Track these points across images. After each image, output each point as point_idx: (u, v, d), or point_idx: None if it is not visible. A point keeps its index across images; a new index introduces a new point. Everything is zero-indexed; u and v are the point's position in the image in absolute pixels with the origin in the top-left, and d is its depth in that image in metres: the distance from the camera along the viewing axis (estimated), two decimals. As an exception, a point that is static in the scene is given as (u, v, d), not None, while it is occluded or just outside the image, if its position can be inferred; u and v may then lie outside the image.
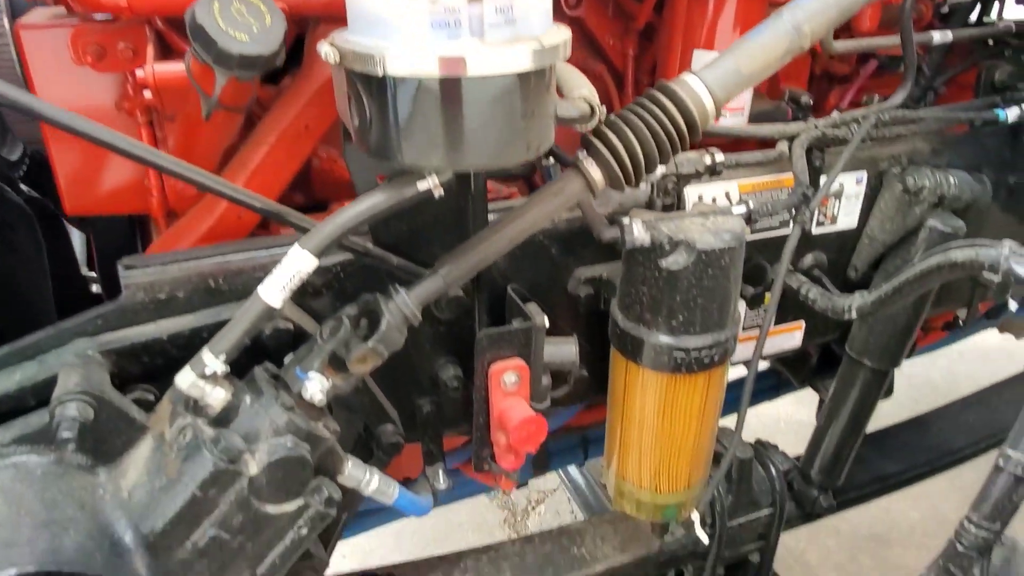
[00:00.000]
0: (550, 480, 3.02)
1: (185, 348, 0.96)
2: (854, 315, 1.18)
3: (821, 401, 1.79)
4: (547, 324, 1.09)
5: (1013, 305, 1.67)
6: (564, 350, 1.13)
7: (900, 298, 1.09)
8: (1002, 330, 2.64)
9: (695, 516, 1.32)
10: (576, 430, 1.70)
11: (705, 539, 1.37)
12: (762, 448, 1.60)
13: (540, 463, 1.70)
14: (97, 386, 0.86)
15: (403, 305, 0.92)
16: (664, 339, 1.07)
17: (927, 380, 3.56)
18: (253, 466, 0.85)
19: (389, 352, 0.93)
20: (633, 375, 1.14)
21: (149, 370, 0.98)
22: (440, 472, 1.23)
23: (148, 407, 0.94)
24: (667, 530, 1.48)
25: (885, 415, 2.01)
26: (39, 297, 1.24)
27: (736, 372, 1.31)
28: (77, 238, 1.65)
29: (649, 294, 1.06)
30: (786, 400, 2.99)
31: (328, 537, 1.17)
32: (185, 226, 1.08)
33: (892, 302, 1.10)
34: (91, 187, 1.10)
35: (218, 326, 0.89)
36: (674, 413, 1.15)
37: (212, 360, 0.84)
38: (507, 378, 1.06)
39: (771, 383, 1.98)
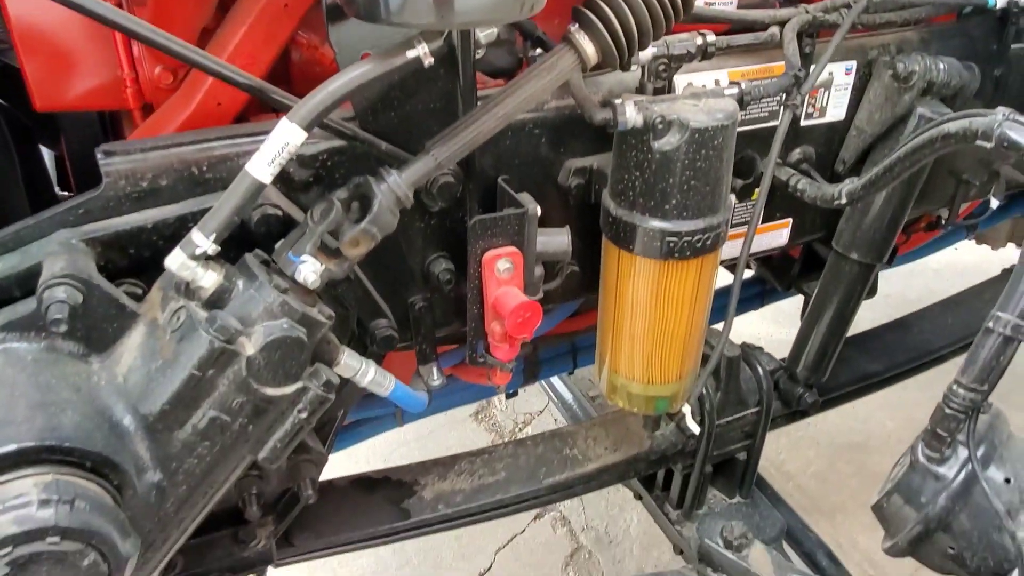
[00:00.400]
0: (536, 402, 3.07)
1: (171, 239, 0.93)
2: (844, 200, 1.18)
3: (805, 305, 1.82)
4: (539, 212, 1.08)
5: (994, 203, 1.69)
6: (556, 240, 1.12)
7: (892, 178, 1.09)
8: (979, 241, 2.68)
9: (686, 409, 1.34)
10: (565, 337, 1.71)
11: (696, 429, 1.40)
12: (749, 349, 1.62)
13: (530, 371, 1.71)
14: (84, 271, 0.84)
15: (395, 185, 0.91)
16: (657, 224, 1.07)
17: (904, 300, 3.62)
18: (250, 347, 0.84)
19: (382, 234, 0.92)
20: (626, 264, 1.14)
21: (135, 263, 0.95)
22: (434, 370, 1.23)
23: (137, 301, 0.92)
24: (658, 425, 1.51)
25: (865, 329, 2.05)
26: (11, 200, 1.21)
27: (722, 281, 1.32)
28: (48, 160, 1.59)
29: (642, 178, 1.05)
30: (766, 320, 3.03)
31: (326, 434, 1.17)
32: (161, 118, 1.05)
33: (884, 183, 1.10)
34: (61, 82, 1.05)
35: (204, 214, 0.87)
36: (667, 301, 1.16)
37: (202, 240, 0.82)
38: (501, 265, 1.05)
39: (755, 292, 1.99)
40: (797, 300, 1.89)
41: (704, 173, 1.04)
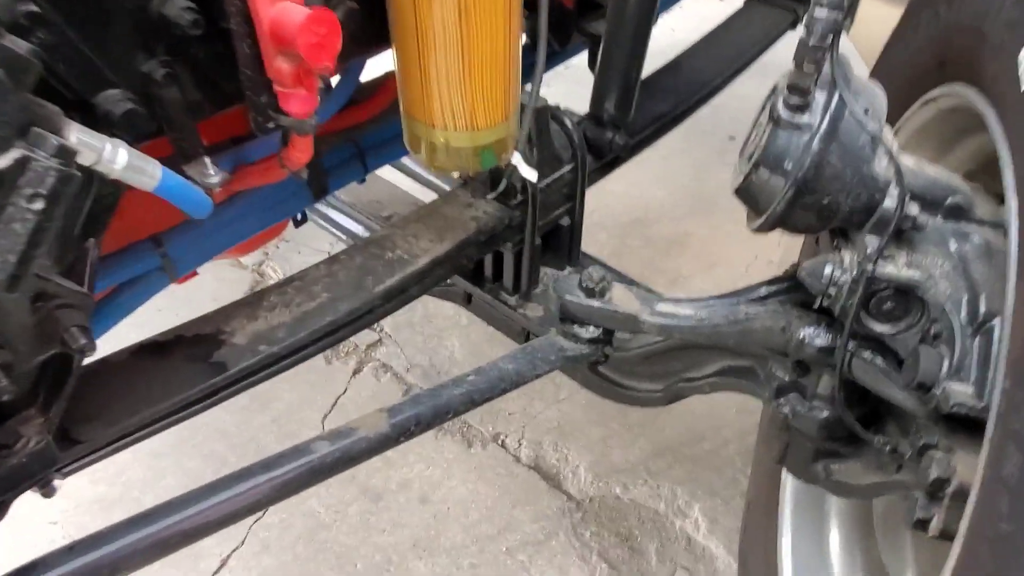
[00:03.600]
0: (315, 257, 2.78)
1: None
2: None
3: (592, 54, 1.73)
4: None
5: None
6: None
7: None
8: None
9: (516, 158, 1.19)
10: (347, 136, 1.45)
11: (532, 176, 1.26)
12: (551, 107, 1.49)
13: (317, 185, 1.44)
14: None
15: None
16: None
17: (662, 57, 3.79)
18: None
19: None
20: (423, -23, 0.91)
21: None
22: (207, 163, 0.93)
23: None
24: (488, 191, 1.35)
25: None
26: None
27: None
28: None
29: None
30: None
31: (80, 274, 0.84)
32: None
33: None
34: None
35: None
36: (478, 15, 0.95)
37: None
38: (269, -28, 0.77)
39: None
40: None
41: None
